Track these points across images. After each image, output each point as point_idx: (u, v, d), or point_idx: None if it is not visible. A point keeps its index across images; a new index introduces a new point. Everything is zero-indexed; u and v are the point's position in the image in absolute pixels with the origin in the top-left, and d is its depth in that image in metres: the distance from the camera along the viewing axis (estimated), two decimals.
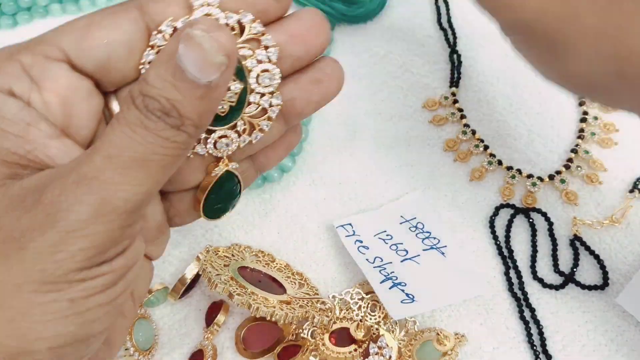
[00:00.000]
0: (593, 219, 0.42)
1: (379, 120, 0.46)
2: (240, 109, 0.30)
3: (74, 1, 0.51)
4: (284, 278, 0.38)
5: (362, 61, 0.49)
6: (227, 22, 0.28)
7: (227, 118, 0.30)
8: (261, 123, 0.30)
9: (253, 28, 0.29)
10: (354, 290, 0.39)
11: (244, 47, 0.29)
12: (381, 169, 0.44)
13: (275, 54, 0.29)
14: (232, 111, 0.30)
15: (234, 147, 0.31)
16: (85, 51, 0.27)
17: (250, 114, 0.30)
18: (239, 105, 0.29)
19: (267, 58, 0.29)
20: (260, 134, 0.31)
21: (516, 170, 0.44)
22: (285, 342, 0.36)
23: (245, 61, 0.29)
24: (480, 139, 0.45)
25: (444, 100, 0.47)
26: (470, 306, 0.39)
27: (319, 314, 0.36)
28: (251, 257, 0.40)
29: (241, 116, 0.30)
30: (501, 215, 0.42)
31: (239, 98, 0.29)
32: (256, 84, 0.29)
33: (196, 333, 0.38)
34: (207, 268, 0.36)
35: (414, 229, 0.41)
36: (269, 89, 0.30)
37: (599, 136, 0.45)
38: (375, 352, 0.35)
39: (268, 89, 0.30)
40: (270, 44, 0.29)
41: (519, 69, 0.49)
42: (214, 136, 0.30)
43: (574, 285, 0.40)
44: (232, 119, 0.30)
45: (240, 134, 0.30)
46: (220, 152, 0.31)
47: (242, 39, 0.29)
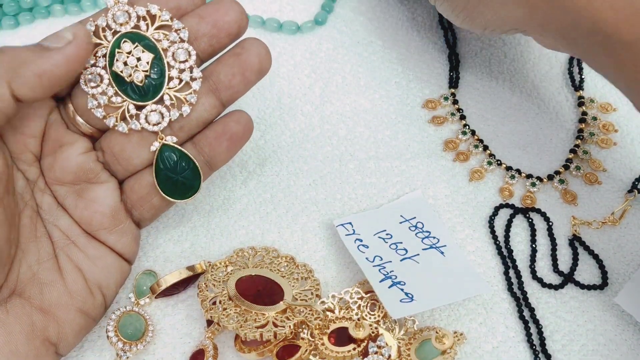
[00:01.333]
0: (592, 219, 0.42)
1: (378, 119, 0.46)
2: (161, 83, 0.35)
3: (75, 2, 0.51)
4: (287, 275, 0.39)
5: (362, 60, 0.49)
6: (137, 13, 0.35)
7: (150, 92, 0.35)
8: (188, 97, 0.36)
9: (162, 16, 0.35)
10: (353, 289, 0.39)
11: (157, 32, 0.35)
12: (381, 168, 0.44)
13: (186, 33, 0.35)
14: (154, 86, 0.35)
15: (166, 122, 0.35)
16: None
17: (174, 88, 0.35)
18: (160, 79, 0.35)
19: (178, 38, 0.35)
20: (189, 107, 0.36)
21: (515, 171, 0.44)
22: (285, 342, 0.37)
23: (160, 43, 0.35)
24: (480, 139, 0.45)
25: (443, 101, 0.47)
26: (469, 305, 0.39)
27: (316, 318, 0.36)
28: (255, 257, 0.40)
29: (165, 91, 0.35)
30: (500, 215, 0.43)
31: (155, 70, 0.35)
32: (173, 60, 0.35)
33: (197, 332, 0.38)
34: (203, 290, 0.37)
35: (414, 229, 0.41)
36: (187, 64, 0.35)
37: (598, 136, 0.45)
38: (375, 351, 0.35)
39: (186, 64, 0.35)
40: (180, 26, 0.35)
41: (518, 69, 0.49)
42: (144, 111, 0.35)
43: (573, 285, 0.40)
44: (156, 92, 0.35)
45: (169, 108, 0.35)
46: (153, 127, 0.35)
47: (155, 25, 0.35)
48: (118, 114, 0.35)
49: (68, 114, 0.36)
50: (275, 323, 0.35)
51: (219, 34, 0.36)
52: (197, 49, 0.36)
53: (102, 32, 0.35)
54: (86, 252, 0.36)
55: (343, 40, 0.50)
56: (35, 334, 0.33)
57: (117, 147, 0.36)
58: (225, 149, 0.37)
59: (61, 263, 0.35)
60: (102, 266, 0.36)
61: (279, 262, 0.40)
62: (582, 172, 0.44)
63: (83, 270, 0.36)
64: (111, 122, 0.35)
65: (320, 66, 0.49)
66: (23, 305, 0.33)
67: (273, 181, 0.44)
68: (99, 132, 0.37)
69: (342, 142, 0.46)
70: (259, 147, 0.45)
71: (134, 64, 0.35)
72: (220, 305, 0.36)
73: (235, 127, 0.37)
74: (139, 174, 0.37)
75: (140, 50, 0.35)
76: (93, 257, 0.36)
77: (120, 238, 0.37)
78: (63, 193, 0.36)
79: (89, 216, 0.36)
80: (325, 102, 0.47)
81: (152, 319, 0.38)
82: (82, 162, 0.36)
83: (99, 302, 0.36)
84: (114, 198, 0.36)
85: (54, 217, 0.36)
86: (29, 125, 0.35)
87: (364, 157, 0.45)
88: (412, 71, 0.49)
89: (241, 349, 0.36)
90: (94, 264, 0.36)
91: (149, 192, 0.37)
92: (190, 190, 0.37)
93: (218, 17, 0.35)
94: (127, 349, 0.36)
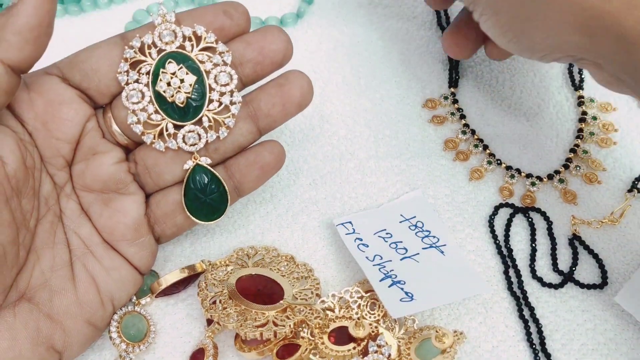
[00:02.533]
0: (592, 218, 0.42)
1: (378, 119, 0.47)
2: (201, 105, 0.35)
3: (75, 2, 0.51)
4: (287, 274, 0.39)
5: (362, 59, 0.49)
6: (183, 32, 0.35)
7: (190, 113, 0.35)
8: (226, 120, 0.36)
9: (208, 38, 0.35)
10: (353, 288, 0.39)
11: (201, 53, 0.35)
12: (381, 168, 0.44)
13: (229, 57, 0.36)
14: (194, 107, 0.35)
15: (203, 143, 0.36)
16: (73, 65, 0.35)
17: (214, 110, 0.36)
18: (200, 101, 0.35)
19: (222, 61, 0.36)
20: (226, 130, 0.36)
21: (515, 170, 0.44)
22: (285, 341, 0.37)
23: (204, 64, 0.35)
24: (479, 139, 0.45)
25: (443, 100, 0.47)
26: (469, 305, 0.39)
27: (316, 317, 0.36)
28: (255, 257, 0.40)
29: (204, 113, 0.36)
30: (500, 215, 0.43)
31: (197, 92, 0.35)
32: (215, 83, 0.36)
33: (197, 331, 0.38)
34: (203, 289, 0.37)
35: (414, 228, 0.41)
36: (228, 88, 0.36)
37: (598, 136, 0.46)
38: (375, 350, 0.35)
39: (227, 87, 0.36)
40: (224, 49, 0.36)
41: (517, 69, 0.49)
42: (182, 131, 0.36)
43: (573, 284, 0.40)
44: (195, 114, 0.36)
45: (207, 130, 0.36)
46: (190, 147, 0.36)
47: (199, 47, 0.36)
48: (156, 132, 0.36)
49: (106, 122, 0.36)
50: (275, 322, 0.36)
51: (263, 61, 0.36)
52: (241, 74, 0.36)
53: (148, 49, 0.35)
54: (102, 263, 0.36)
55: (343, 40, 0.50)
56: (41, 341, 0.33)
57: (150, 161, 0.37)
58: (255, 177, 0.38)
59: (75, 272, 0.35)
60: (116, 278, 0.36)
61: (279, 261, 0.40)
62: (582, 172, 0.44)
63: (97, 280, 0.35)
64: (149, 139, 0.36)
65: (320, 65, 0.49)
66: (31, 311, 0.33)
67: (273, 180, 0.44)
68: (134, 143, 0.37)
69: (342, 142, 0.46)
70: None
71: (177, 85, 0.35)
72: (220, 304, 0.36)
73: (268, 157, 0.38)
74: (167, 190, 0.37)
75: (184, 72, 0.35)
76: (108, 268, 0.36)
77: (139, 251, 0.37)
78: (89, 200, 0.36)
79: (113, 226, 0.36)
80: (325, 101, 0.47)
81: (152, 319, 0.38)
82: (114, 172, 0.36)
83: (108, 314, 0.36)
84: (140, 211, 0.37)
85: (75, 224, 0.36)
86: (64, 130, 0.35)
87: (364, 157, 0.45)
88: (412, 71, 0.49)
89: (241, 348, 0.37)
90: (109, 274, 0.36)
91: (174, 209, 0.37)
92: (216, 212, 0.37)
93: (265, 44, 0.36)
94: (130, 350, 0.37)
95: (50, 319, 0.34)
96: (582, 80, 0.48)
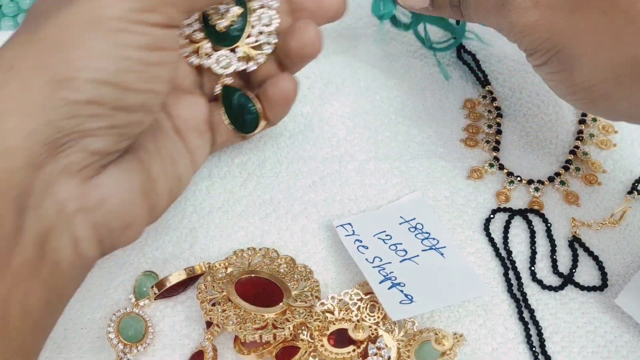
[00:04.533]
0: (592, 220, 0.42)
1: (378, 120, 0.46)
2: (239, 35, 0.38)
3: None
4: (287, 276, 0.39)
5: (362, 61, 0.49)
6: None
7: (229, 40, 0.38)
8: (257, 56, 0.39)
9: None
10: (352, 291, 0.39)
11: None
12: (380, 169, 0.44)
13: (277, 2, 0.38)
14: (233, 35, 0.38)
15: (232, 69, 0.39)
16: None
17: (250, 44, 0.38)
18: (239, 32, 0.38)
19: (268, 3, 0.38)
20: (254, 66, 0.39)
21: (516, 177, 0.44)
22: (284, 343, 0.37)
23: (252, 2, 0.38)
24: (487, 141, 0.45)
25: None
26: (469, 307, 0.39)
27: (315, 319, 0.36)
28: (255, 259, 0.40)
29: (240, 44, 0.38)
30: (500, 217, 0.43)
31: (239, 23, 0.38)
32: (257, 21, 0.38)
33: (196, 334, 0.38)
34: (202, 291, 0.37)
35: (414, 230, 0.41)
36: (268, 29, 0.38)
37: (598, 138, 0.45)
38: (374, 352, 0.35)
39: (267, 28, 0.38)
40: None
41: (516, 70, 0.49)
42: (217, 54, 0.38)
43: (573, 286, 0.40)
44: (233, 41, 0.38)
45: (239, 59, 0.39)
46: (220, 69, 0.39)
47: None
48: (195, 47, 0.38)
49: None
50: (274, 324, 0.35)
51: (317, 13, 0.38)
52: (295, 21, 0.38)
53: None
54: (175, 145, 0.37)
55: (342, 41, 0.50)
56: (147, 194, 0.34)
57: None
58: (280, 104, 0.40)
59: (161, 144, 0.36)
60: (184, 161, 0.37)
61: (279, 263, 0.40)
62: (581, 174, 0.44)
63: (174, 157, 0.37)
64: (186, 52, 0.38)
65: (320, 67, 0.49)
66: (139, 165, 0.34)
67: (272, 182, 0.44)
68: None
69: (342, 143, 0.46)
70: (259, 148, 0.45)
71: (222, 12, 0.38)
72: (220, 306, 0.36)
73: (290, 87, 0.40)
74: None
75: (232, 1, 0.38)
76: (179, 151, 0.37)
77: (201, 145, 0.39)
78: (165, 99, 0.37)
79: (190, 115, 0.38)
80: (325, 103, 0.47)
81: (151, 321, 0.38)
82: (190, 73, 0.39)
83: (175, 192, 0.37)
84: (208, 109, 0.39)
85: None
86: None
87: (363, 159, 0.45)
88: (412, 72, 0.49)
89: (240, 350, 0.36)
90: (180, 155, 0.37)
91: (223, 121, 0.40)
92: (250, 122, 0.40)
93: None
94: (127, 350, 0.36)
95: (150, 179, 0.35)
96: None
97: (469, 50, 0.49)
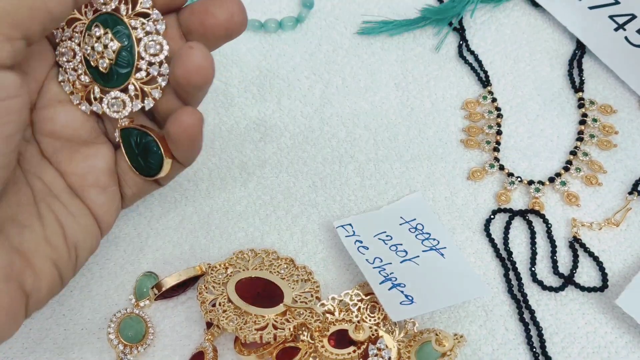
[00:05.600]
0: (592, 220, 0.42)
1: (378, 121, 0.46)
2: (128, 72, 0.34)
3: None
4: (287, 276, 0.39)
5: (361, 61, 0.49)
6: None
7: (116, 79, 0.34)
8: (152, 91, 0.34)
9: (143, 3, 0.33)
10: (353, 291, 0.39)
11: (135, 19, 0.33)
12: (380, 170, 0.44)
13: (163, 25, 0.33)
14: (120, 74, 0.34)
15: (127, 111, 0.35)
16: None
17: (140, 79, 0.34)
18: (127, 67, 0.34)
19: (154, 29, 0.33)
20: (152, 101, 0.34)
21: (517, 178, 0.44)
22: (284, 344, 0.37)
23: (136, 31, 0.33)
24: (487, 141, 0.45)
25: None
26: (469, 308, 0.39)
27: (316, 320, 0.36)
28: (255, 259, 0.40)
29: (131, 80, 0.34)
30: (500, 218, 0.42)
31: (124, 59, 0.33)
32: (144, 52, 0.33)
33: (197, 334, 0.38)
34: (202, 292, 0.37)
35: (414, 230, 0.41)
36: (158, 58, 0.34)
37: (598, 138, 0.45)
38: (375, 353, 0.35)
39: (156, 58, 0.33)
40: (159, 17, 0.33)
41: (518, 71, 0.49)
42: (108, 97, 0.34)
43: (573, 287, 0.40)
44: (122, 81, 0.34)
45: (132, 98, 0.34)
46: (114, 113, 0.35)
47: (135, 11, 0.33)
48: (83, 94, 0.35)
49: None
50: (275, 325, 0.35)
51: (206, 34, 0.33)
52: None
53: (84, 7, 0.34)
54: (68, 208, 0.34)
55: (342, 42, 0.50)
56: (13, 276, 0.31)
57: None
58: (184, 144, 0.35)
59: (41, 211, 0.33)
60: (82, 224, 0.34)
61: (279, 264, 0.40)
62: (582, 174, 0.44)
63: (63, 224, 0.34)
64: (76, 100, 0.35)
65: (320, 68, 0.49)
66: (3, 242, 0.31)
67: (273, 183, 0.44)
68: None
69: (342, 144, 0.46)
70: (259, 149, 0.45)
71: (99, 50, 0.33)
72: (220, 307, 0.36)
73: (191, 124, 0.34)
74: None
75: (109, 38, 0.33)
76: (75, 214, 0.34)
77: (106, 202, 0.35)
78: (55, 147, 0.35)
79: (85, 170, 0.35)
80: (325, 103, 0.47)
81: (151, 321, 0.38)
82: (86, 120, 0.35)
83: (72, 263, 0.34)
84: (112, 158, 0.36)
85: (36, 169, 0.34)
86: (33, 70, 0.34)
87: (363, 159, 0.45)
88: (411, 73, 0.49)
89: (241, 351, 0.36)
90: (75, 221, 0.34)
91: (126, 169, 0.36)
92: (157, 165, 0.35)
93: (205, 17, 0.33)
94: (127, 351, 0.36)
95: (20, 254, 0.31)
96: (582, 82, 0.48)
97: (471, 50, 0.49)
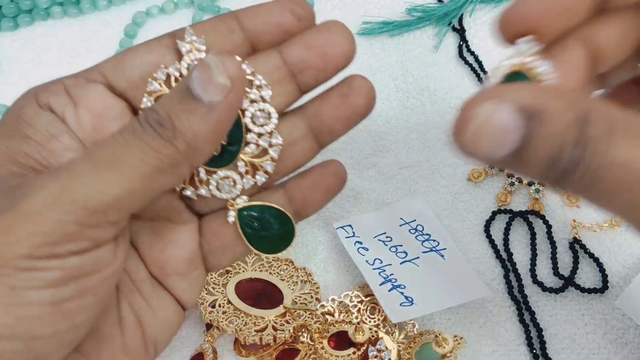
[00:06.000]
0: (592, 222, 0.42)
1: (378, 122, 0.46)
2: (237, 149, 0.30)
3: (74, 4, 0.51)
4: (287, 278, 0.39)
5: (361, 62, 0.49)
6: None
7: (225, 158, 0.30)
8: (264, 164, 0.30)
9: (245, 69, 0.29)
10: (353, 293, 0.39)
11: None
12: (380, 171, 0.44)
13: (269, 91, 0.30)
14: (229, 151, 0.30)
15: (239, 190, 0.31)
16: (119, 71, 0.29)
17: (250, 154, 0.30)
18: (236, 144, 0.30)
19: (259, 97, 0.30)
20: (265, 175, 0.31)
21: (516, 179, 0.44)
22: (284, 346, 0.37)
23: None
24: None
25: None
26: (469, 309, 0.39)
27: (316, 322, 0.36)
28: (255, 261, 0.40)
29: (240, 157, 0.30)
30: (500, 219, 0.42)
31: (232, 135, 0.29)
32: (252, 123, 0.30)
33: (196, 336, 0.38)
34: (202, 294, 0.37)
35: (414, 231, 0.41)
36: (267, 129, 0.30)
37: None
38: (375, 355, 0.35)
39: (265, 128, 0.30)
40: (263, 83, 0.29)
41: None
42: (216, 177, 0.30)
43: (573, 288, 0.40)
44: (230, 159, 0.30)
45: (242, 175, 0.31)
46: (225, 194, 0.31)
47: None
48: (187, 179, 0.30)
49: None
50: (274, 327, 0.35)
51: (326, 68, 0.30)
52: (300, 82, 0.30)
53: (175, 81, 0.29)
54: (149, 302, 0.31)
55: None
56: None
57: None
58: (318, 200, 0.33)
59: (122, 313, 0.30)
60: (161, 318, 0.31)
61: (279, 265, 0.40)
62: None
63: (143, 323, 0.31)
64: (179, 186, 0.31)
65: None
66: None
67: None
68: None
69: (342, 145, 0.45)
70: None
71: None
72: (220, 308, 0.36)
73: (332, 180, 0.33)
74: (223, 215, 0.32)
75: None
76: (155, 308, 0.31)
77: (189, 287, 0.32)
78: (136, 230, 0.31)
79: (165, 259, 0.31)
80: None
81: None
82: (166, 198, 0.31)
83: (150, 358, 0.31)
84: (195, 241, 0.32)
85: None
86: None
87: (363, 160, 0.45)
88: (411, 74, 0.49)
89: (240, 352, 0.36)
90: (155, 315, 0.31)
91: (235, 240, 0.32)
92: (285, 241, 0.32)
93: (328, 48, 0.30)
94: None
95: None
96: None
97: (471, 50, 0.49)
